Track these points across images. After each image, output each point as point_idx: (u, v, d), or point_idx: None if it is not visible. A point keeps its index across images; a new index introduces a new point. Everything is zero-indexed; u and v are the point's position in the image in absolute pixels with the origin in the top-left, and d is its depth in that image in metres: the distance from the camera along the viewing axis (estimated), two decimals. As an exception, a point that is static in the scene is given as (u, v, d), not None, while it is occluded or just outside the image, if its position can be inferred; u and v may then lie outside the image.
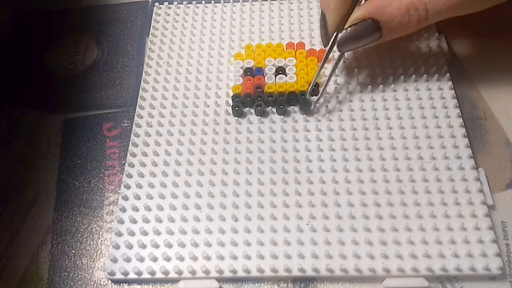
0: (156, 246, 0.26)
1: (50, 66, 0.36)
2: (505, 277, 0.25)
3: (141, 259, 0.26)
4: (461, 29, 0.35)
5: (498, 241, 0.26)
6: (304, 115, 0.31)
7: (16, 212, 0.29)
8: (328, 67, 0.33)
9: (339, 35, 0.29)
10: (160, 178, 0.29)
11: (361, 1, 0.30)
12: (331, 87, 0.32)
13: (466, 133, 0.29)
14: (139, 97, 0.33)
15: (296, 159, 0.29)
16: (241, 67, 0.33)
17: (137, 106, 0.32)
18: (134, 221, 0.27)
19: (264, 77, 0.32)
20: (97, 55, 0.36)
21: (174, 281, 0.26)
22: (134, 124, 0.31)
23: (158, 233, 0.27)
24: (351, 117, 0.31)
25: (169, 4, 0.38)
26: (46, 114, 0.33)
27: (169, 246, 0.26)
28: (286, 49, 0.34)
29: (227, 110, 0.32)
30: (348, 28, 0.29)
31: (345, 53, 0.33)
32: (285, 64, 0.33)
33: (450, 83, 0.32)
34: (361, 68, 0.33)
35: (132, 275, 0.26)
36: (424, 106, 0.31)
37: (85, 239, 0.28)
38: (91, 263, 0.27)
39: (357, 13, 0.29)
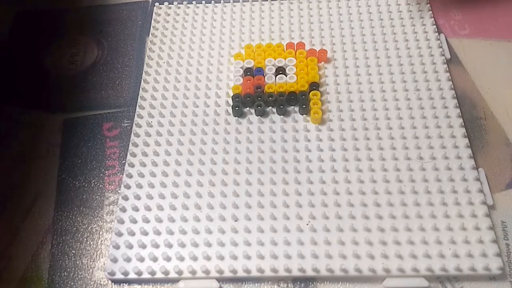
0: (156, 246, 0.26)
1: (50, 66, 0.36)
2: (505, 277, 0.25)
3: (141, 259, 0.26)
4: (461, 29, 0.35)
5: (498, 241, 0.26)
6: (304, 115, 0.31)
7: (16, 212, 0.29)
8: (329, 67, 0.33)
9: None
10: (160, 178, 0.29)
11: None
12: (331, 87, 0.32)
13: (466, 133, 0.29)
14: (139, 97, 0.33)
15: (296, 159, 0.29)
16: (241, 67, 0.33)
17: (137, 106, 0.32)
18: (134, 221, 0.27)
19: (264, 77, 0.32)
20: (97, 55, 0.36)
21: (174, 281, 0.26)
22: (134, 124, 0.31)
23: (158, 233, 0.27)
24: (351, 117, 0.31)
25: (169, 4, 0.38)
26: (46, 114, 0.33)
27: (169, 246, 0.26)
28: (286, 49, 0.33)
29: (227, 110, 0.32)
30: None
31: (345, 54, 0.33)
32: (285, 64, 0.33)
33: (450, 83, 0.32)
34: (361, 68, 0.33)
35: (132, 275, 0.26)
36: (424, 106, 0.31)
37: (85, 239, 0.28)
38: (91, 263, 0.27)
39: None
